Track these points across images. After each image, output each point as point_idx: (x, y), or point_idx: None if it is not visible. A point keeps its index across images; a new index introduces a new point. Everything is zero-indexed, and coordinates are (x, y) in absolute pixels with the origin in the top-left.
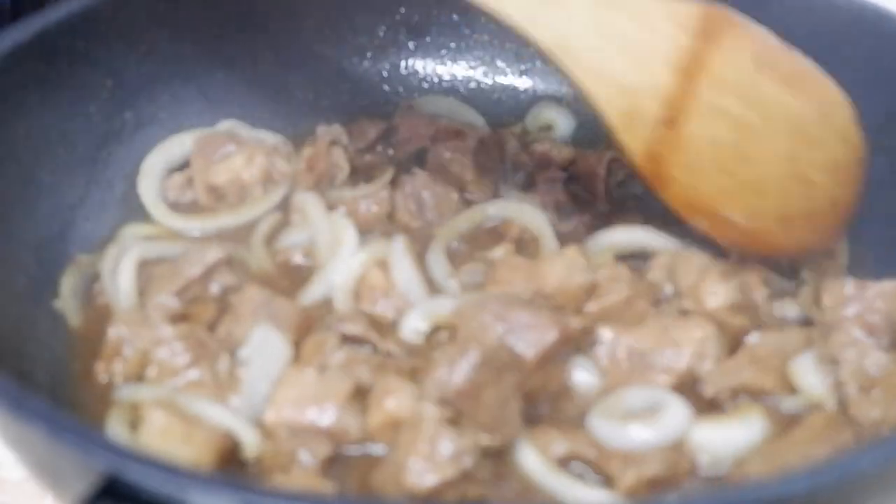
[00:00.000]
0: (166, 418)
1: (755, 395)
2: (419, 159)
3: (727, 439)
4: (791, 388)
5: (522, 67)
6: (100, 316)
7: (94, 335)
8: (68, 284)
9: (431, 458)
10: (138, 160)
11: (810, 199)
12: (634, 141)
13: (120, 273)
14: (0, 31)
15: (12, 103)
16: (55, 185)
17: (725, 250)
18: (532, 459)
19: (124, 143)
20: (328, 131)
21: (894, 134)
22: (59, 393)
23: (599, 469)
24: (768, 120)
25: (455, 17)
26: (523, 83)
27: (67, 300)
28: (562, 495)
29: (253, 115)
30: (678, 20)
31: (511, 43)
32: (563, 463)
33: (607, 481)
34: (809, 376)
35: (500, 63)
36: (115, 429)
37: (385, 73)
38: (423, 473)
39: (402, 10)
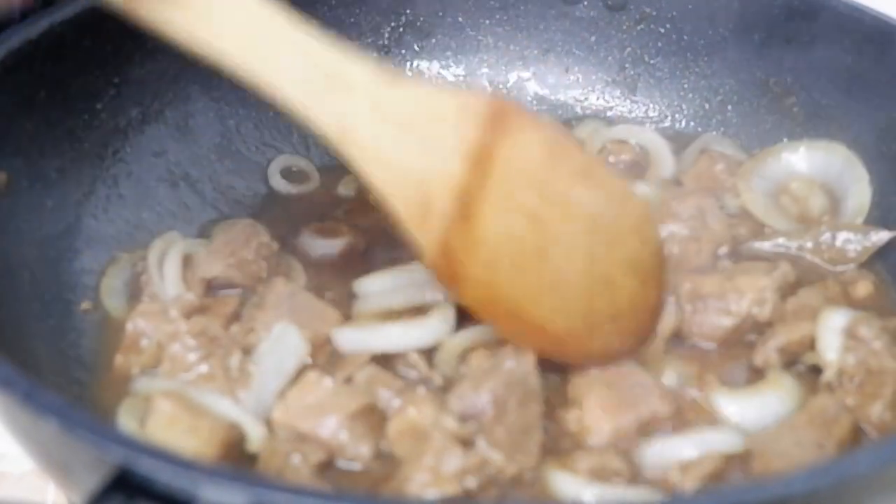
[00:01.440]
0: (173, 409)
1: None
2: None
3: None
4: None
5: (527, 70)
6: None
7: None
8: (108, 283)
9: (436, 472)
10: (145, 157)
11: (613, 300)
12: (426, 235)
13: (166, 264)
14: (8, 28)
15: (20, 100)
16: (62, 181)
17: None
18: (562, 477)
19: (131, 140)
20: None
21: (891, 141)
22: (67, 388)
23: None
24: (565, 216)
25: (460, 18)
26: (529, 86)
27: (110, 298)
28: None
29: (259, 114)
30: (466, 110)
31: (515, 46)
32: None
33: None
34: (831, 335)
35: (504, 66)
36: (126, 420)
37: None
38: (425, 486)
39: (408, 11)
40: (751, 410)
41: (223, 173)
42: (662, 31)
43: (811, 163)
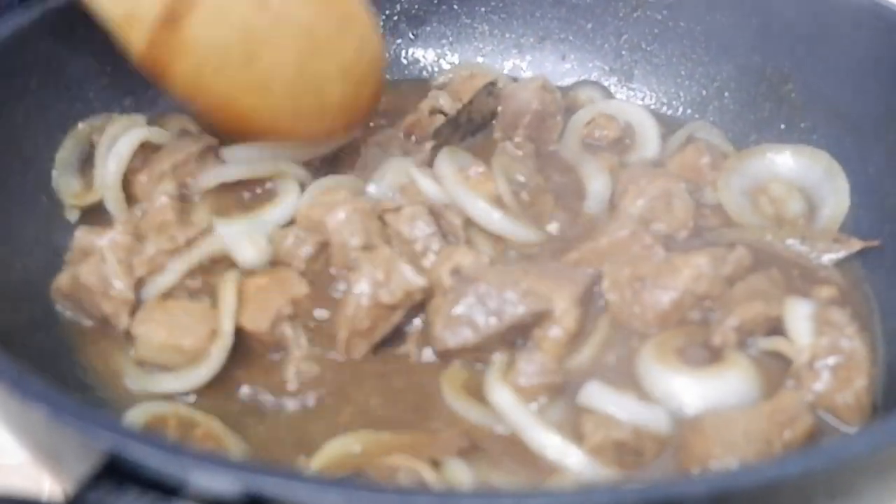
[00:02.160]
0: (158, 333)
1: (761, 330)
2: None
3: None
4: None
5: (523, 58)
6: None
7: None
8: (63, 156)
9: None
10: None
11: (322, 100)
12: (133, 34)
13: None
14: (3, 16)
15: (13, 86)
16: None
17: None
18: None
19: None
20: (429, 99)
21: (892, 126)
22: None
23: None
24: (278, 28)
25: (455, 6)
26: (524, 73)
27: (62, 174)
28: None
29: None
30: None
31: (511, 33)
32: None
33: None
34: (801, 322)
35: (500, 53)
36: (127, 371)
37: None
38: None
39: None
40: (702, 389)
41: None
42: (659, 17)
43: (794, 166)
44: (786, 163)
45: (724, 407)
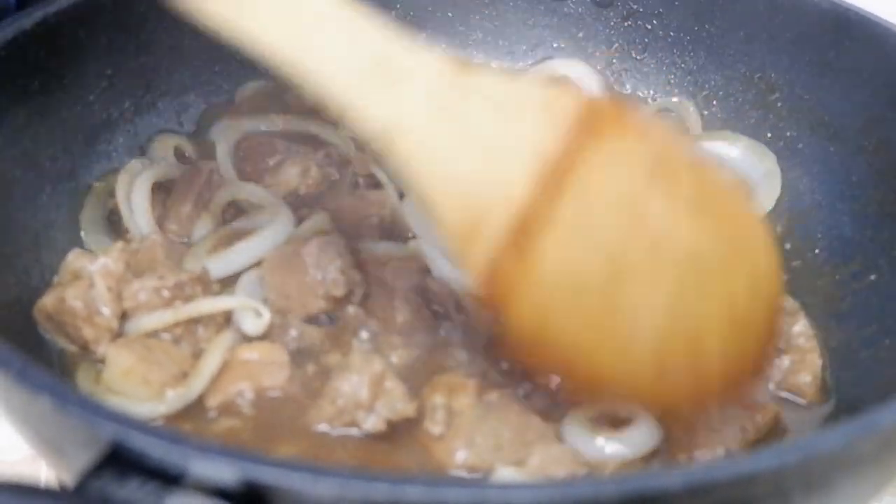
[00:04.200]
0: (128, 360)
1: None
2: None
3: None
4: None
5: (515, 64)
6: None
7: None
8: (88, 216)
9: None
10: (137, 149)
11: (695, 349)
12: (474, 259)
13: (134, 196)
14: (3, 19)
15: (14, 90)
16: (55, 173)
17: None
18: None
19: (123, 132)
20: None
21: (873, 136)
22: (63, 372)
23: None
24: (654, 256)
25: (450, 13)
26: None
27: (90, 234)
28: None
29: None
30: (549, 111)
31: (504, 41)
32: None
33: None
34: None
35: (494, 61)
36: (83, 382)
37: None
38: None
39: (398, 6)
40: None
41: None
42: (649, 27)
43: (740, 158)
44: (734, 152)
45: None
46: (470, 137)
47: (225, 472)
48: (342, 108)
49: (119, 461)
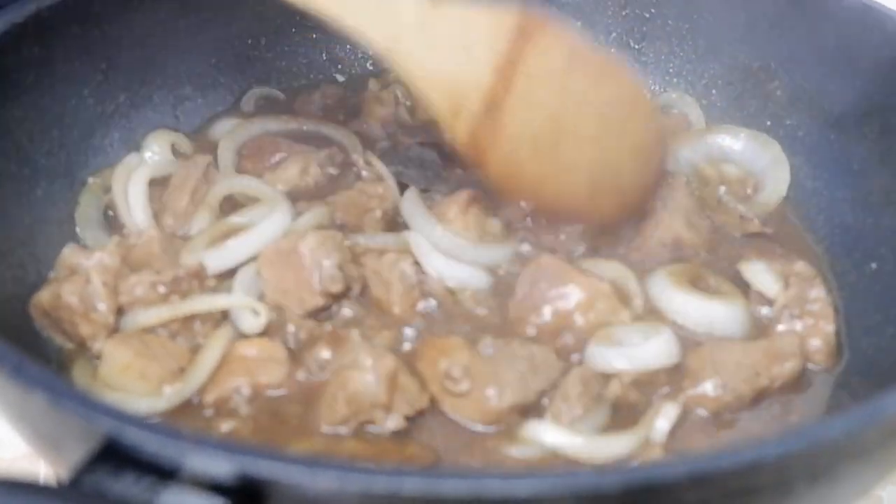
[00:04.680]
0: (126, 355)
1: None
2: None
3: (706, 311)
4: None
5: None
6: None
7: None
8: (83, 213)
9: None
10: (132, 143)
11: (617, 177)
12: (458, 128)
13: (130, 191)
14: None
15: (8, 84)
16: (51, 167)
17: None
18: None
19: (119, 126)
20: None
21: (875, 123)
22: (60, 368)
23: None
24: (579, 113)
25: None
26: None
27: (86, 230)
28: None
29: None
30: (498, 25)
31: None
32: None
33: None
34: (760, 275)
35: None
36: (80, 378)
37: (376, 58)
38: None
39: None
40: (706, 312)
41: None
42: (647, 15)
43: (744, 149)
44: (737, 145)
45: (720, 334)
46: (447, 49)
47: (221, 467)
48: (353, 30)
49: (114, 456)
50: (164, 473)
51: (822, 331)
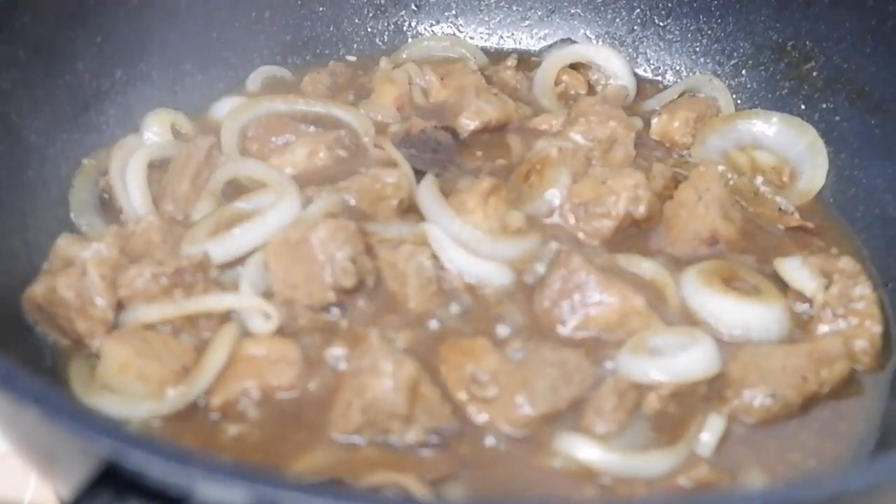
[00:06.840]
0: (125, 353)
1: None
2: None
3: (742, 314)
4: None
5: (530, 32)
6: None
7: None
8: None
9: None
10: (129, 122)
11: None
12: None
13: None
14: None
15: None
16: (42, 146)
17: None
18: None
19: (115, 103)
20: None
21: None
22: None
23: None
24: None
25: None
26: (529, 46)
27: (81, 215)
28: None
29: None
30: None
31: (518, 6)
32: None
33: None
34: (796, 272)
35: (507, 27)
36: (76, 378)
37: (386, 35)
38: None
39: None
40: (743, 315)
41: None
42: None
43: (777, 135)
44: (770, 130)
45: (757, 337)
46: None
47: (238, 496)
48: None
49: (117, 481)
50: (173, 501)
51: (868, 331)
